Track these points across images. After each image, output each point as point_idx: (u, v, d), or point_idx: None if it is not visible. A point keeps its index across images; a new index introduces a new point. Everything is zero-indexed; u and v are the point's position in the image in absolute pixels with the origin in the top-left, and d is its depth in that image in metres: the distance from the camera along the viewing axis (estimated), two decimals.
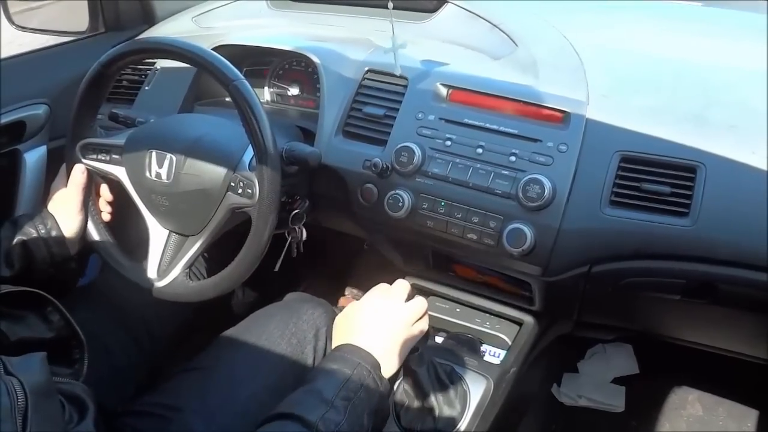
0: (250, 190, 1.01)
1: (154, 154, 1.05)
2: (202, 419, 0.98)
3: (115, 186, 1.17)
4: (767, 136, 0.93)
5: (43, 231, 1.08)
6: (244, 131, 0.99)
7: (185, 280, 1.08)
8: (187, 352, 1.25)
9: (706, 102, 1.02)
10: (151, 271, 1.10)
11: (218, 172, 1.03)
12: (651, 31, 1.24)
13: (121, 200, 1.19)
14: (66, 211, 1.11)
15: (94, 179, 1.16)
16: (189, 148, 1.05)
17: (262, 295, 1.56)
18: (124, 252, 1.15)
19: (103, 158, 1.12)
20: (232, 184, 1.02)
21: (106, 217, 1.19)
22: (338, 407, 0.82)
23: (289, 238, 1.19)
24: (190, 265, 1.09)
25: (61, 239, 1.10)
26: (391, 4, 1.11)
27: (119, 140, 1.11)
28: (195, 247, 1.07)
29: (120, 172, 1.11)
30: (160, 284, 1.09)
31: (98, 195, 1.20)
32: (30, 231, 1.08)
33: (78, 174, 1.12)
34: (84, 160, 1.13)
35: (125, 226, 1.21)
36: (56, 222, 1.09)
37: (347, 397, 0.84)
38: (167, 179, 1.05)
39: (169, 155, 1.04)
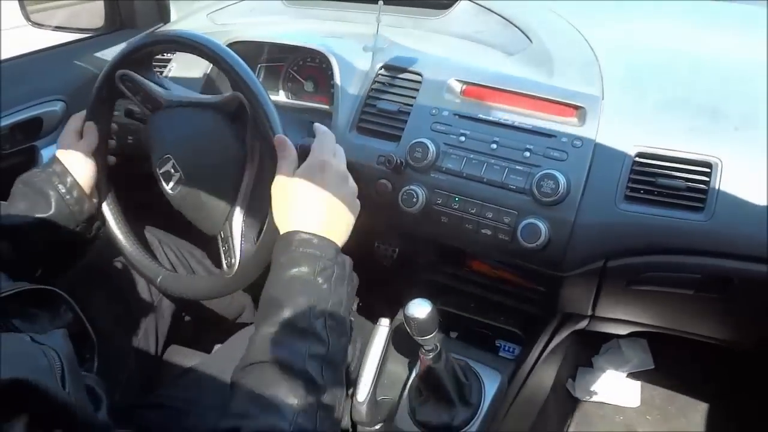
0: None
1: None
2: (220, 413, 0.99)
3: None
4: None
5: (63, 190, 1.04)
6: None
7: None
8: (202, 348, 1.26)
9: (722, 97, 1.01)
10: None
11: None
12: (666, 26, 1.23)
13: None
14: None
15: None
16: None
17: None
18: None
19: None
20: None
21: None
22: (319, 331, 0.76)
23: None
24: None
25: (81, 197, 1.06)
26: (380, 3, 1.12)
27: None
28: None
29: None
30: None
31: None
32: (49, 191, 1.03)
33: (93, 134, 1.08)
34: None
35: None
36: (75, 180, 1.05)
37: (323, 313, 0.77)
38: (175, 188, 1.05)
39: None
